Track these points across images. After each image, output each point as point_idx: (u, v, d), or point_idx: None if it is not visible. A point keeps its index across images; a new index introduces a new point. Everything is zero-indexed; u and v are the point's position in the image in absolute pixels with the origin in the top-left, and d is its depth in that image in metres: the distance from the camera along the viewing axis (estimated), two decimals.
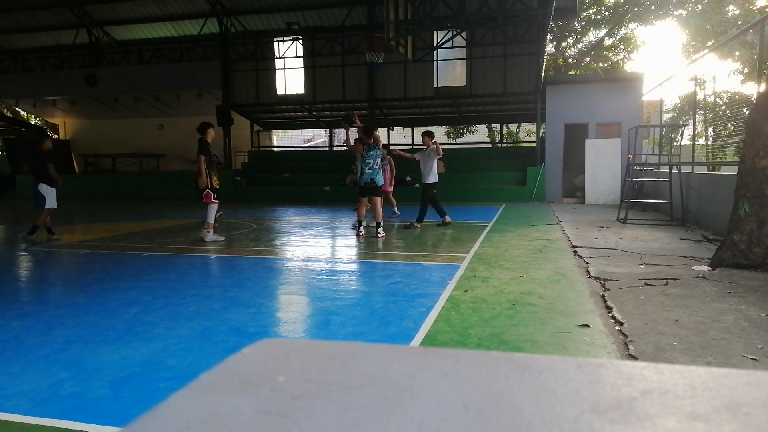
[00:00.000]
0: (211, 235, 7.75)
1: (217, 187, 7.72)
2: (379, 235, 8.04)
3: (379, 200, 8.44)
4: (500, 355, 0.51)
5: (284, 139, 38.77)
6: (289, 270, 6.05)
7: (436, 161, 9.39)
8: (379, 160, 8.40)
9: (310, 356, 0.52)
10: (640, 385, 0.44)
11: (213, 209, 7.70)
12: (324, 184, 17.51)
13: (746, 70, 16.56)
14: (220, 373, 0.48)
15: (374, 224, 8.49)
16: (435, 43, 16.18)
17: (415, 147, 21.85)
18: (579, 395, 0.43)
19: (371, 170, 8.28)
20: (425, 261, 6.23)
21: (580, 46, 24.84)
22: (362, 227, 8.50)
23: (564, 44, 24.58)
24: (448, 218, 9.46)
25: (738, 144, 7.41)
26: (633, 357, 2.95)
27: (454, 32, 14.83)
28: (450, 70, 18.17)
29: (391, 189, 11.09)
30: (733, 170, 6.72)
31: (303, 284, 5.27)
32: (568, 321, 3.67)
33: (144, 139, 23.05)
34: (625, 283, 4.70)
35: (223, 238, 7.92)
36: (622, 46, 23.94)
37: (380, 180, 8.42)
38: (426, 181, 9.44)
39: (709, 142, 9.75)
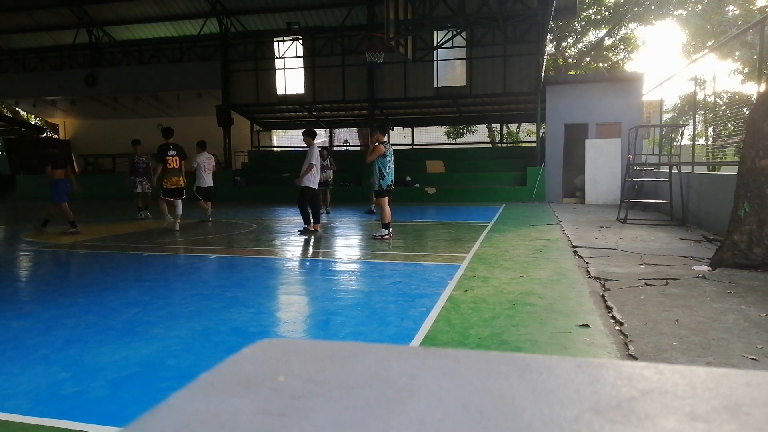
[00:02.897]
0: (169, 220, 9.40)
1: (171, 187, 9.47)
2: (386, 237, 7.84)
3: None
4: (500, 355, 0.51)
5: (284, 139, 38.75)
6: (289, 270, 6.05)
7: (314, 164, 8.58)
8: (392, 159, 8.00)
9: (310, 356, 0.52)
10: (640, 385, 0.44)
11: (162, 203, 9.48)
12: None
13: (746, 70, 16.56)
14: (220, 373, 0.48)
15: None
16: (435, 43, 16.18)
17: (415, 147, 21.88)
18: (579, 395, 0.43)
19: (390, 170, 7.91)
20: (425, 261, 6.23)
21: (580, 46, 24.84)
22: (389, 233, 7.92)
23: (564, 44, 24.58)
24: (312, 227, 8.66)
25: (738, 144, 7.40)
26: (633, 357, 2.95)
27: (454, 32, 14.82)
28: (450, 70, 18.16)
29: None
30: (733, 170, 6.72)
31: (303, 284, 5.27)
32: (568, 321, 3.67)
33: (144, 139, 23.00)
34: (625, 283, 4.70)
35: (170, 220, 9.29)
36: (622, 46, 23.93)
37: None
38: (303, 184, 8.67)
39: (709, 142, 9.75)
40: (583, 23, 23.35)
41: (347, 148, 27.96)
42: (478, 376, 0.46)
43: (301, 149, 30.26)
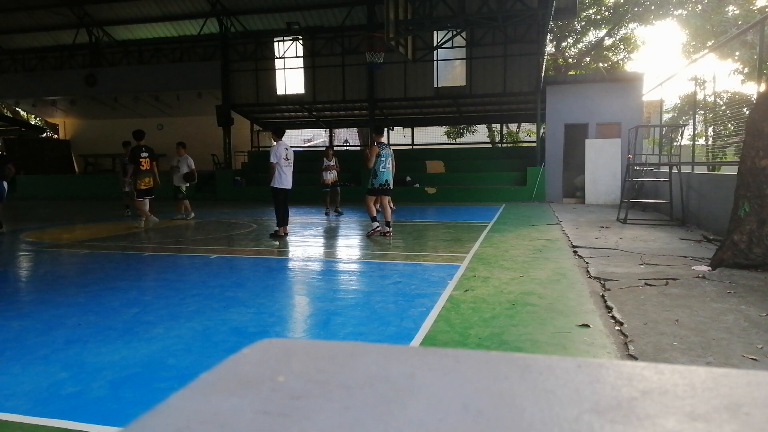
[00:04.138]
0: (144, 222, 9.67)
1: (144, 188, 9.72)
2: (388, 234, 8.03)
3: (388, 200, 8.35)
4: (500, 355, 0.51)
5: (284, 139, 38.74)
6: (289, 270, 6.05)
7: (281, 164, 8.36)
8: (391, 159, 8.19)
9: (310, 356, 0.52)
10: (640, 385, 0.44)
11: (141, 204, 9.74)
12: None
13: (746, 70, 16.55)
14: (220, 373, 0.48)
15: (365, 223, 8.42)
16: (435, 43, 16.18)
17: (415, 147, 21.87)
18: (579, 395, 0.43)
19: (385, 170, 8.05)
20: (425, 261, 6.23)
21: (580, 46, 24.83)
22: (379, 224, 8.18)
23: (564, 44, 24.57)
24: (282, 231, 8.43)
25: (738, 144, 7.40)
26: (633, 357, 2.95)
27: (454, 32, 14.83)
28: (450, 70, 18.16)
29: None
30: (733, 170, 6.72)
31: (303, 284, 5.27)
32: (568, 321, 3.67)
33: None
34: (625, 283, 4.70)
35: (154, 220, 9.61)
36: (622, 46, 23.93)
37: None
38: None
39: (709, 142, 9.75)
40: (583, 23, 23.35)
41: (347, 148, 27.96)
42: (478, 376, 0.46)
43: (300, 149, 30.29)
